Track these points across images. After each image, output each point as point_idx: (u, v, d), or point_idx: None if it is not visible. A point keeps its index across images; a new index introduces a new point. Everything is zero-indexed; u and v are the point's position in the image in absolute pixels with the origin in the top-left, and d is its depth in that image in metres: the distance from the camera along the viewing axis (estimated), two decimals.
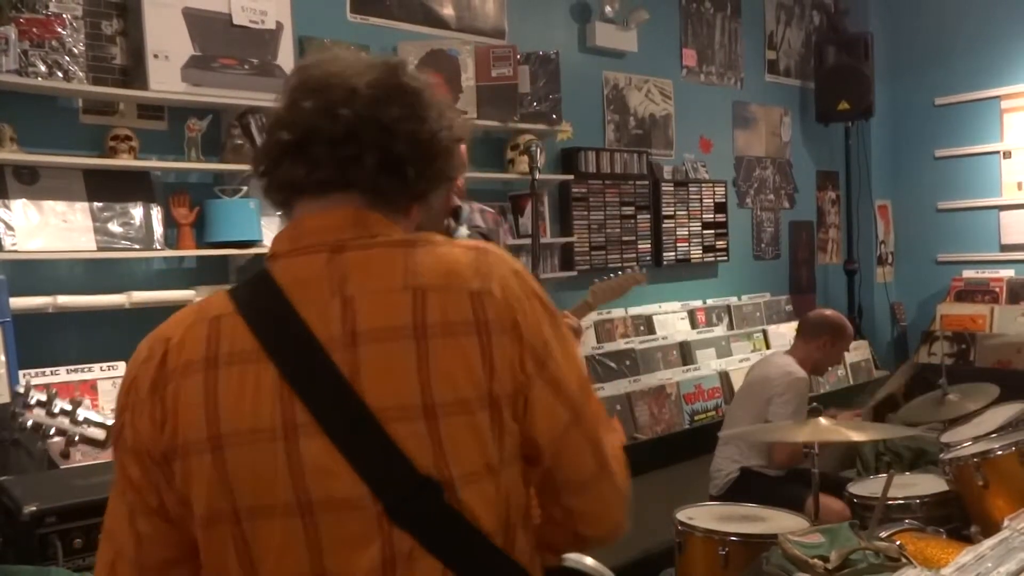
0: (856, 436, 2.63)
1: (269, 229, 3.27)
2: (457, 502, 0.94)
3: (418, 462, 0.93)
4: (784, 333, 5.24)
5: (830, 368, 4.15)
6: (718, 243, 5.22)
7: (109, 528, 1.02)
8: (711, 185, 5.17)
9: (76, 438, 2.02)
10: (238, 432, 0.93)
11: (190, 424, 0.95)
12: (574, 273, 4.32)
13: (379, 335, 0.94)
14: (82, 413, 2.05)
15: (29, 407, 2.02)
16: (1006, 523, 1.93)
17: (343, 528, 0.93)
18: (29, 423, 2.01)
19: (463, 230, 2.65)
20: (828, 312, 3.84)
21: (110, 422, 1.97)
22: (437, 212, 1.05)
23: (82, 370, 2.81)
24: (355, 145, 0.98)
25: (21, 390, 2.05)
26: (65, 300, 2.80)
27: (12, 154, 2.71)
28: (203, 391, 0.95)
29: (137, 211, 2.99)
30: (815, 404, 2.98)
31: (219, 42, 3.11)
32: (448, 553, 0.94)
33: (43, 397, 2.02)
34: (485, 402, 0.95)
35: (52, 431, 2.02)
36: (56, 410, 2.02)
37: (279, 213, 1.07)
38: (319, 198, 1.01)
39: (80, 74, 2.87)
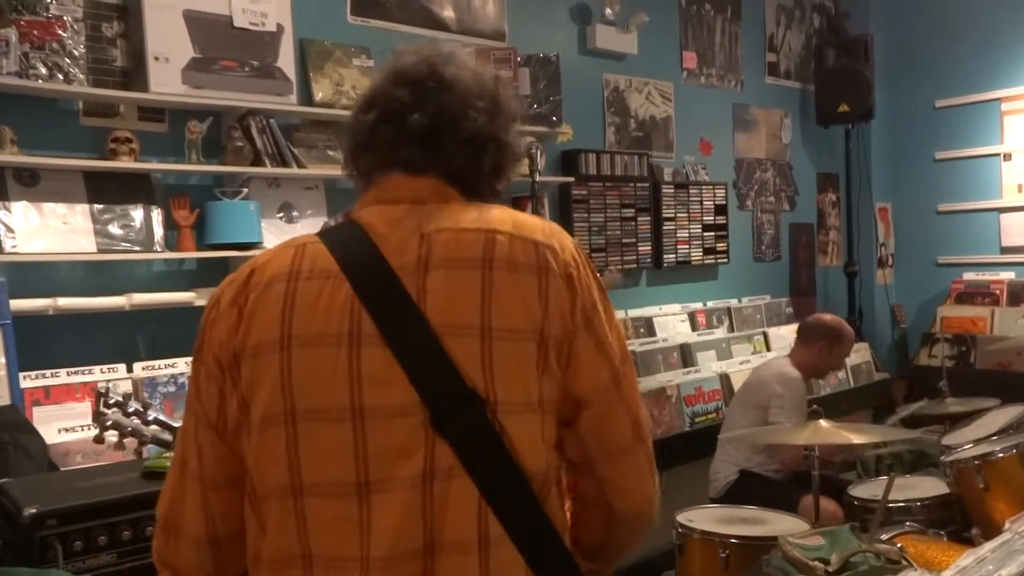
0: (856, 439, 2.62)
1: (269, 231, 3.27)
2: (499, 425, 0.99)
3: (468, 377, 0.99)
4: (784, 335, 5.24)
5: (832, 372, 4.14)
6: (718, 245, 5.22)
7: (178, 439, 1.14)
8: (711, 187, 5.18)
9: (147, 438, 2.11)
10: (307, 335, 1.01)
11: (265, 325, 1.03)
12: None
13: (449, 263, 1.03)
14: (152, 414, 2.13)
15: (108, 407, 2.10)
16: (1007, 525, 1.93)
17: (390, 437, 0.98)
18: (109, 422, 2.10)
19: None
20: (826, 317, 3.80)
21: (176, 424, 2.05)
22: None
23: (82, 372, 2.81)
24: (480, 148, 1.12)
25: (103, 390, 2.14)
26: (65, 302, 2.80)
27: (13, 156, 2.71)
28: (282, 298, 1.03)
29: (137, 213, 2.99)
30: (815, 407, 2.97)
31: (220, 44, 3.11)
32: (485, 478, 0.98)
33: (120, 398, 2.11)
34: (536, 338, 1.02)
35: (128, 430, 2.10)
36: (130, 410, 2.11)
37: (359, 182, 1.17)
38: (412, 172, 1.11)
39: (80, 76, 2.88)
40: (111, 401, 2.11)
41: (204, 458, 1.08)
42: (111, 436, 2.14)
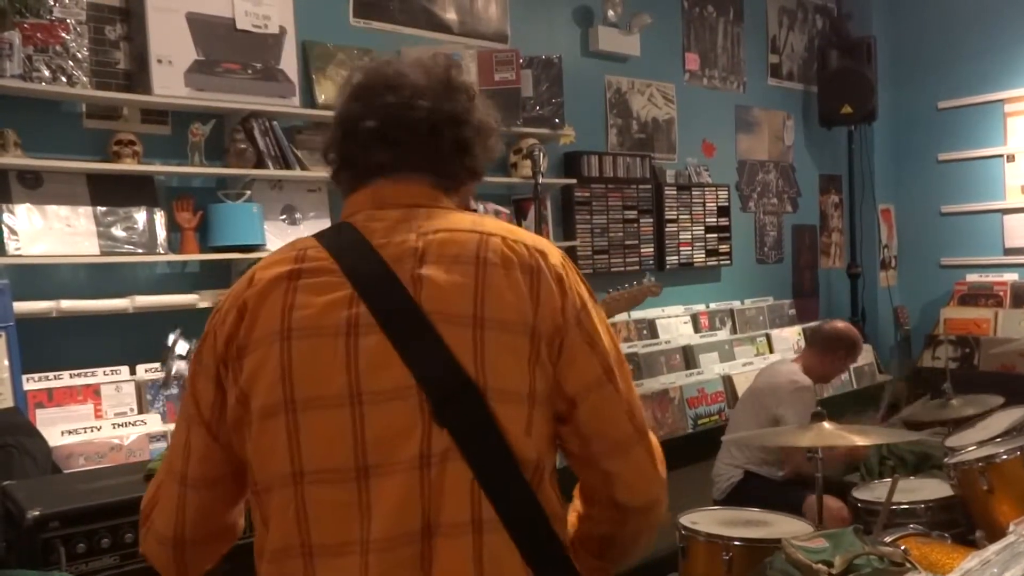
0: (860, 441, 2.62)
1: (272, 233, 3.27)
2: (491, 412, 1.01)
3: (462, 363, 1.02)
4: (787, 337, 5.23)
5: (838, 376, 4.16)
6: (721, 247, 5.22)
7: (171, 444, 1.18)
8: (714, 189, 5.17)
9: None
10: (306, 327, 1.04)
11: (267, 320, 1.06)
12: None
13: (444, 259, 1.06)
14: None
15: (173, 359, 2.16)
16: (1011, 528, 1.92)
17: (388, 420, 1.01)
18: (173, 371, 2.17)
19: None
20: (841, 326, 3.78)
21: None
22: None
23: (86, 374, 2.81)
24: (434, 131, 1.14)
25: (170, 343, 2.22)
26: (68, 305, 2.80)
27: (16, 159, 2.71)
28: (283, 294, 1.07)
29: (140, 215, 2.99)
30: (819, 409, 2.97)
31: (222, 47, 3.12)
32: (479, 463, 1.00)
33: (184, 351, 2.18)
34: (528, 331, 1.04)
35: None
36: None
37: (342, 191, 1.21)
38: (396, 175, 1.15)
39: (84, 79, 2.88)
40: (177, 353, 2.17)
41: (191, 458, 1.12)
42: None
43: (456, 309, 1.03)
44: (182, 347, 2.22)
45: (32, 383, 2.68)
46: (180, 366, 2.19)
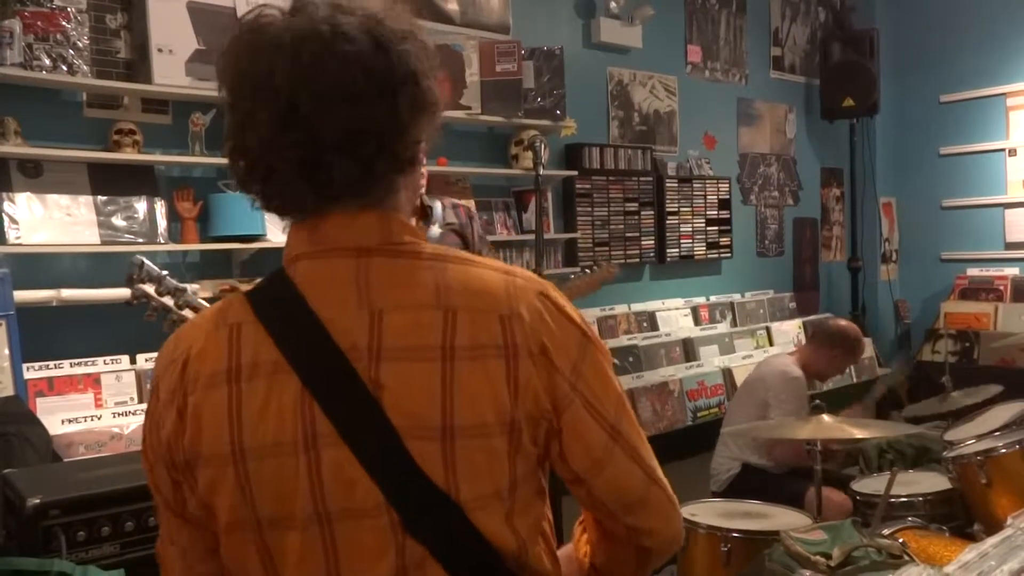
0: (859, 434, 2.62)
1: (272, 223, 3.27)
2: (467, 520, 0.95)
3: (432, 479, 0.93)
4: (787, 331, 5.24)
5: (835, 376, 4.09)
6: (722, 240, 5.21)
7: (158, 516, 1.07)
8: (715, 182, 5.17)
9: (174, 320, 2.14)
10: (261, 447, 0.94)
11: (214, 438, 0.95)
12: (577, 269, 4.31)
13: (406, 353, 0.93)
14: (185, 299, 2.16)
15: (142, 280, 2.13)
16: (1009, 521, 1.92)
17: (359, 538, 0.94)
18: (139, 295, 2.14)
19: (435, 229, 2.64)
20: (844, 324, 3.75)
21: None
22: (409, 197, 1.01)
23: (86, 363, 2.81)
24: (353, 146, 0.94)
25: (138, 263, 2.18)
26: (69, 294, 2.80)
27: (17, 147, 2.71)
28: (226, 406, 0.94)
29: (141, 205, 2.99)
30: (817, 402, 2.97)
31: (224, 36, 3.10)
32: (457, 568, 0.95)
33: (155, 272, 2.15)
34: (506, 428, 0.94)
35: (157, 307, 2.15)
36: (164, 289, 2.15)
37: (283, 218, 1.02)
38: (333, 202, 0.97)
39: (84, 68, 2.87)
40: (145, 275, 2.14)
41: (176, 535, 1.04)
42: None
43: (422, 420, 0.92)
44: (151, 269, 2.18)
45: (32, 372, 2.69)
46: (147, 289, 2.16)
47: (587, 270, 3.44)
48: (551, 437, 0.98)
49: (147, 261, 2.21)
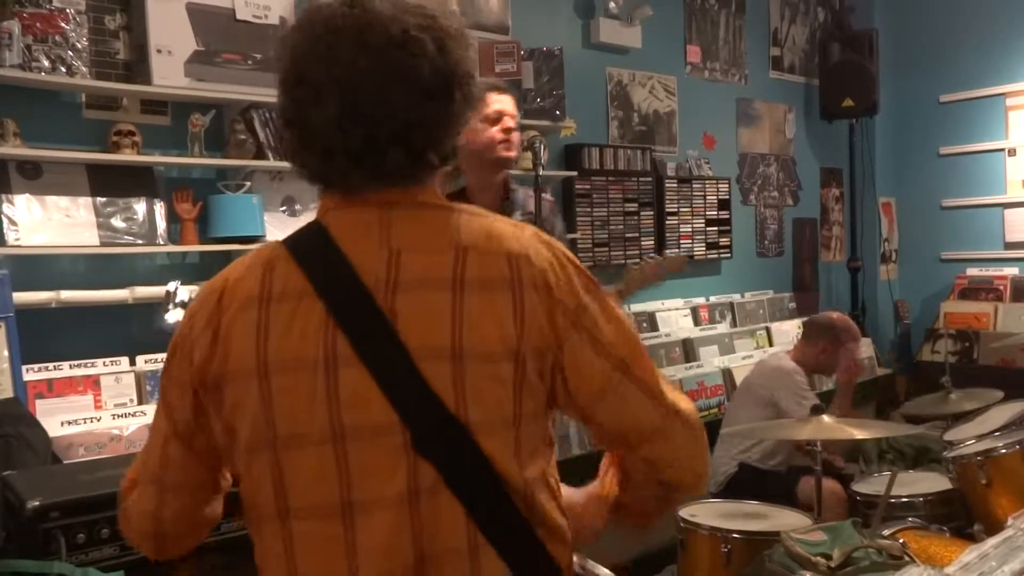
0: (859, 434, 2.62)
1: (272, 224, 3.27)
2: (477, 445, 0.99)
3: (443, 399, 0.98)
4: (787, 331, 5.23)
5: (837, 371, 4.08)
6: (721, 240, 5.21)
7: (147, 444, 1.14)
8: (715, 182, 5.17)
9: None
10: (283, 362, 1.00)
11: (241, 354, 1.02)
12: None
13: (419, 284, 1.00)
14: None
15: (175, 305, 2.16)
16: (1010, 521, 1.93)
17: (371, 457, 0.98)
18: (171, 321, 2.14)
19: (517, 216, 2.60)
20: (832, 316, 3.74)
21: None
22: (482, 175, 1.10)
23: (85, 365, 2.81)
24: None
25: (172, 289, 2.22)
26: (68, 295, 2.80)
27: (15, 149, 2.70)
28: (255, 324, 1.02)
29: (140, 206, 2.99)
30: (818, 403, 2.97)
31: (222, 37, 3.11)
32: (469, 495, 0.99)
33: (187, 298, 2.15)
34: (511, 357, 1.00)
35: None
36: None
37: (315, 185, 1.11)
38: (380, 182, 1.06)
39: (83, 69, 2.87)
40: (178, 300, 2.18)
41: (168, 467, 1.10)
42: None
43: (433, 342, 0.99)
44: (183, 293, 2.22)
45: (32, 374, 2.68)
46: (178, 315, 2.18)
47: (648, 259, 3.32)
48: (556, 371, 1.03)
49: (177, 286, 2.24)
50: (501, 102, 2.47)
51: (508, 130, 2.46)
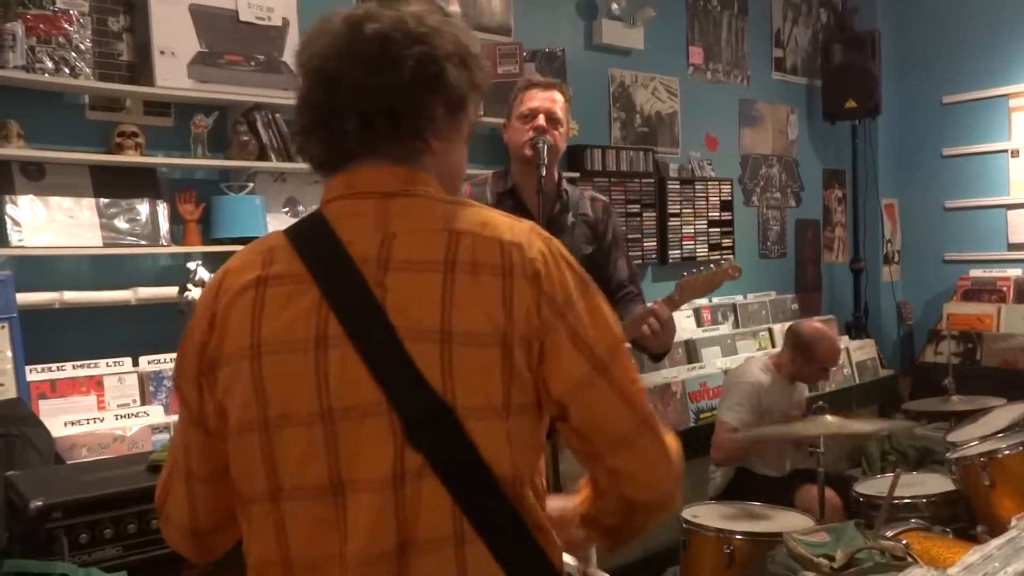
0: (858, 430, 2.62)
1: (274, 225, 3.27)
2: (463, 430, 0.98)
3: (431, 382, 0.98)
4: None
5: (818, 381, 3.93)
6: (724, 241, 5.21)
7: (172, 437, 1.20)
8: (717, 183, 5.16)
9: None
10: (276, 343, 1.02)
11: (236, 335, 1.04)
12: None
13: (410, 265, 1.02)
14: None
15: (194, 284, 2.16)
16: (1013, 523, 1.93)
17: (360, 438, 0.99)
18: (189, 297, 2.15)
19: (569, 217, 2.56)
20: (806, 327, 3.54)
21: None
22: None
23: (88, 366, 2.81)
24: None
25: (192, 267, 2.23)
26: (71, 296, 2.80)
27: (19, 150, 2.71)
28: (251, 307, 1.04)
29: (143, 207, 2.99)
30: (820, 403, 2.97)
31: (225, 39, 3.11)
32: (454, 481, 0.98)
33: (207, 276, 2.15)
34: (499, 341, 1.00)
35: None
36: None
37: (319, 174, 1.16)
38: (369, 159, 1.10)
39: (87, 70, 2.88)
40: (199, 278, 2.20)
41: (191, 454, 1.12)
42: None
43: (422, 323, 0.99)
44: (203, 273, 2.23)
45: (35, 374, 2.69)
46: (196, 294, 2.19)
47: (702, 268, 3.26)
48: (540, 362, 1.03)
49: (197, 266, 2.28)
50: (540, 99, 2.46)
51: (539, 129, 2.45)
